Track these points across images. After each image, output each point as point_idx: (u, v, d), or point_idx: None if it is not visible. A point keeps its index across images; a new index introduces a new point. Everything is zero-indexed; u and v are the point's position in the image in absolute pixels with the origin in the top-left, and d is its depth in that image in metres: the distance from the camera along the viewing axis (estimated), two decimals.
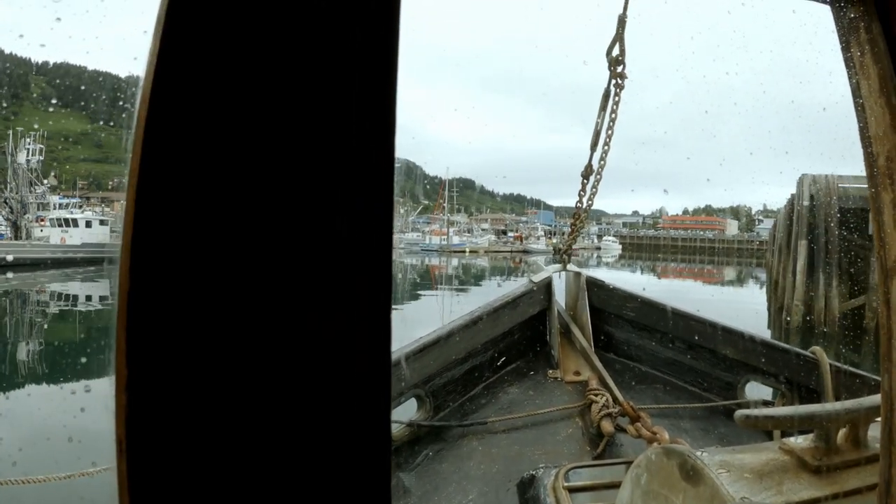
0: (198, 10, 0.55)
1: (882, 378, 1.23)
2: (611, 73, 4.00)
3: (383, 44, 0.59)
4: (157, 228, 0.55)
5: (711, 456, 1.70)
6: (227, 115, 0.55)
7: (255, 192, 0.56)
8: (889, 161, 1.17)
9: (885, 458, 1.22)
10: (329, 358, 0.59)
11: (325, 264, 0.58)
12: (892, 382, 1.20)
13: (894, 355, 1.20)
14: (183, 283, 0.55)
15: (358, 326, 0.59)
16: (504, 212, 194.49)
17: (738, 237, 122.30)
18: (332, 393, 0.59)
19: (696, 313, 4.39)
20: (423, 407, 3.78)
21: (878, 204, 1.20)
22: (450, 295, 33.80)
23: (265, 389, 0.57)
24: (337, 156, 0.58)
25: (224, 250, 0.56)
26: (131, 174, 0.55)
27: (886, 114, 1.17)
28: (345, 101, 0.58)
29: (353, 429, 0.59)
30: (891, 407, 1.20)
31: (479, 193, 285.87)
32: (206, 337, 0.55)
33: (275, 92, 0.56)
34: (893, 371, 1.20)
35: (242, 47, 0.55)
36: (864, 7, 1.20)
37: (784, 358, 3.89)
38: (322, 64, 0.57)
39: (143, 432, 0.54)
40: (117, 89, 73.60)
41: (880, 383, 1.24)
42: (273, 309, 0.57)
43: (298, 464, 0.57)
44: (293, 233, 0.57)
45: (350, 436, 0.59)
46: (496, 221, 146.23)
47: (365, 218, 0.59)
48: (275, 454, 0.57)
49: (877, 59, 1.18)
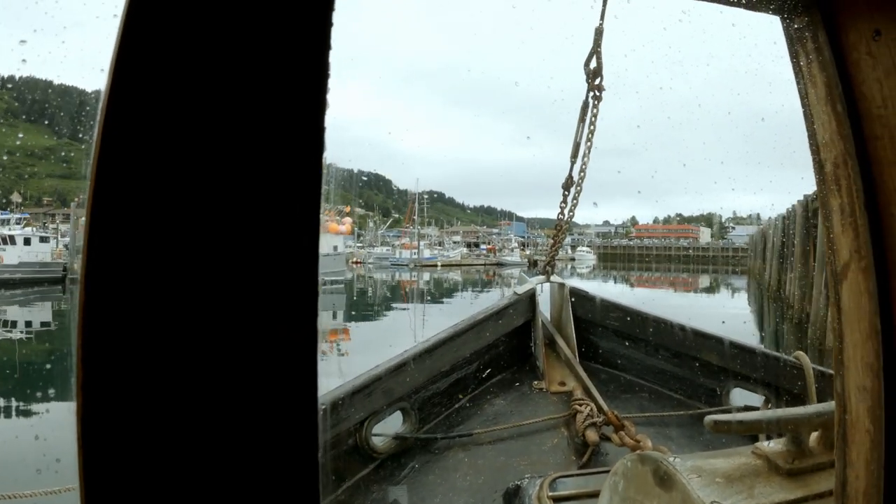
0: (148, 38, 0.59)
1: (835, 381, 1.28)
2: (589, 85, 4.09)
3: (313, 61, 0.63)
4: (110, 250, 0.58)
5: (684, 461, 1.74)
6: (174, 132, 0.59)
7: (202, 201, 0.60)
8: (836, 167, 1.23)
9: (840, 460, 1.27)
10: (271, 365, 0.63)
11: (254, 272, 0.62)
12: (844, 385, 1.25)
13: (846, 358, 1.25)
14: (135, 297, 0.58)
15: (286, 325, 0.63)
16: (475, 224, 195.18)
17: (712, 245, 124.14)
18: (272, 402, 0.63)
19: (679, 321, 4.47)
20: (409, 419, 3.81)
21: (826, 209, 1.26)
22: (422, 311, 33.68)
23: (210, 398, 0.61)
24: (267, 162, 0.62)
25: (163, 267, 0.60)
26: (90, 188, 0.59)
27: (832, 121, 1.22)
28: (275, 111, 0.62)
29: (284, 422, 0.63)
30: (844, 409, 1.25)
31: (450, 206, 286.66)
32: (154, 353, 0.59)
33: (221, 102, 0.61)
34: (846, 373, 1.25)
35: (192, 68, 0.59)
36: (810, 17, 1.26)
37: (768, 364, 3.97)
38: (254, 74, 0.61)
39: (98, 445, 0.57)
40: (83, 104, 72.87)
41: (833, 386, 1.29)
42: (213, 320, 0.61)
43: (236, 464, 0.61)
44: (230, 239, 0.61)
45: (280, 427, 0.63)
46: (468, 234, 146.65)
47: (292, 219, 0.63)
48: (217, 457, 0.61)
49: (822, 67, 1.24)
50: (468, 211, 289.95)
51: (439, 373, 4.00)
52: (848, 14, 1.20)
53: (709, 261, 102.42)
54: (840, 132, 1.21)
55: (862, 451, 1.23)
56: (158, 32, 0.59)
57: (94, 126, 0.61)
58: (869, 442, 1.21)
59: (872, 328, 1.20)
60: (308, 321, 0.63)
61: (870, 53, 1.17)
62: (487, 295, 45.27)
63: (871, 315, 1.20)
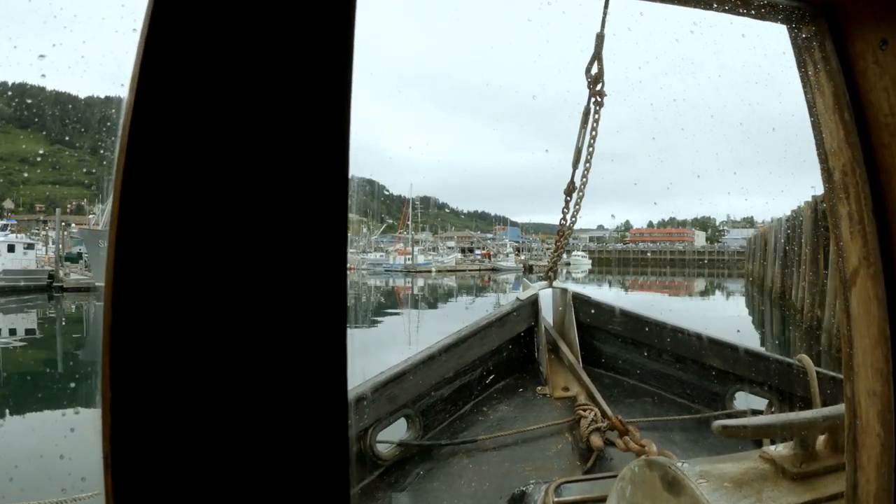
0: (174, 43, 0.61)
1: (844, 386, 1.30)
2: (590, 90, 4.12)
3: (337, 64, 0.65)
4: (137, 260, 0.60)
5: (692, 466, 1.76)
6: (198, 135, 0.61)
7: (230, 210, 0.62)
8: (844, 175, 1.25)
9: (851, 464, 1.29)
10: (300, 368, 0.64)
11: (284, 279, 0.63)
12: (854, 390, 1.27)
13: (855, 363, 1.27)
14: (161, 301, 0.60)
15: (317, 329, 0.64)
16: (469, 229, 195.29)
17: (707, 248, 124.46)
18: (306, 407, 0.64)
19: (681, 325, 4.51)
20: (413, 426, 3.83)
21: (835, 217, 1.28)
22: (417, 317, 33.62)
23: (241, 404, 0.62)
24: (294, 165, 0.64)
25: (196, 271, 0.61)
26: (115, 198, 0.61)
27: (840, 129, 1.25)
28: (300, 116, 0.64)
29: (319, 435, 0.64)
30: (854, 413, 1.27)
31: (444, 211, 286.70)
32: (179, 360, 0.60)
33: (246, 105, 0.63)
34: (855, 378, 1.27)
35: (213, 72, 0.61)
36: (817, 26, 1.28)
37: (771, 367, 3.99)
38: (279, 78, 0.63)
39: (126, 448, 0.58)
40: (76, 110, 72.85)
41: (843, 390, 1.31)
42: (243, 329, 0.62)
43: (270, 469, 0.62)
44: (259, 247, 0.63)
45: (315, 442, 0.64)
46: (462, 239, 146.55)
47: (323, 223, 0.64)
48: (249, 463, 0.62)
49: (830, 76, 1.26)
50: (462, 216, 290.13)
51: (443, 379, 4.03)
52: (855, 24, 1.22)
53: (704, 264, 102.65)
54: (848, 140, 1.24)
55: (872, 454, 1.25)
56: (180, 47, 0.60)
57: (117, 141, 0.62)
58: (879, 446, 1.24)
59: (882, 334, 1.22)
60: (337, 319, 0.65)
61: (877, 62, 1.19)
62: (483, 300, 45.20)
63: (880, 321, 1.22)
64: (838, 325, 11.89)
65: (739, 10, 1.28)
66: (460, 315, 32.03)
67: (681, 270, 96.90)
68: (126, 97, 0.62)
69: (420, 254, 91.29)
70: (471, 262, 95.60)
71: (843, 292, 1.28)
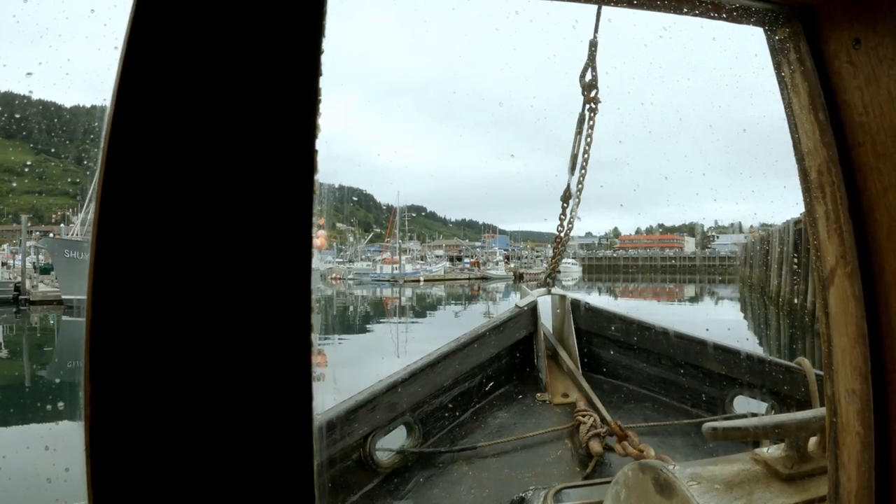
0: (153, 50, 0.64)
1: (825, 385, 1.32)
2: (584, 97, 4.18)
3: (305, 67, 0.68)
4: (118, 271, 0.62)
5: (683, 469, 1.78)
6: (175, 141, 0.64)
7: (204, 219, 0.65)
8: (820, 174, 1.28)
9: (832, 462, 1.31)
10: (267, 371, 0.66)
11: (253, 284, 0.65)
12: (834, 389, 1.29)
13: (835, 363, 1.29)
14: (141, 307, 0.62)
15: (283, 337, 0.66)
16: (458, 238, 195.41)
17: (699, 254, 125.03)
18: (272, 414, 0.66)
19: (680, 331, 4.55)
20: (413, 434, 3.86)
21: (812, 216, 1.31)
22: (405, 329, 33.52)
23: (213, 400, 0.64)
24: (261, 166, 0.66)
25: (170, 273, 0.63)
26: (97, 204, 0.64)
27: (816, 129, 1.27)
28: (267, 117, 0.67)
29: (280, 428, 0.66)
30: (834, 412, 1.30)
31: (432, 220, 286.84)
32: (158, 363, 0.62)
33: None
34: (835, 378, 1.29)
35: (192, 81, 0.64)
36: (792, 28, 1.31)
37: (770, 370, 4.04)
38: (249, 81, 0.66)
39: (105, 440, 0.61)
40: (61, 120, 72.65)
41: (823, 390, 1.33)
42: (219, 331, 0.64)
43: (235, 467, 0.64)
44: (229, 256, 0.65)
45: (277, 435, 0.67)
46: (451, 248, 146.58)
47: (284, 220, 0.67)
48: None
49: (805, 76, 1.29)
50: (450, 225, 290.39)
51: (442, 387, 4.06)
52: (828, 24, 1.25)
53: (695, 270, 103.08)
54: (823, 140, 1.26)
55: (853, 453, 1.27)
56: (157, 63, 0.63)
57: (99, 152, 0.65)
58: (859, 444, 1.26)
59: (860, 332, 1.24)
60: (301, 330, 0.67)
61: (850, 62, 1.22)
62: (474, 308, 45.15)
63: (858, 319, 1.24)
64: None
65: (712, 13, 1.31)
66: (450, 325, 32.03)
67: (671, 277, 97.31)
68: (107, 110, 0.65)
69: (408, 263, 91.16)
70: (460, 271, 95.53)
71: (822, 291, 1.31)
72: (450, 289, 71.79)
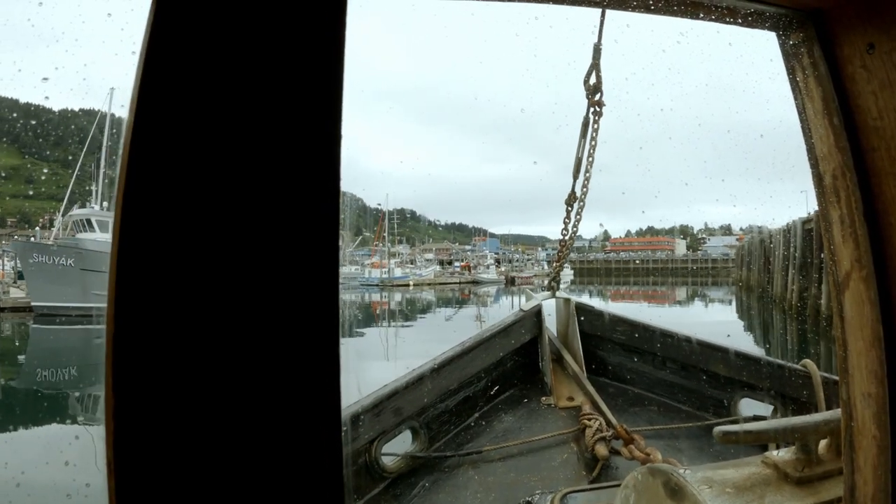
0: (174, 56, 0.64)
1: (840, 388, 1.34)
2: (589, 101, 4.21)
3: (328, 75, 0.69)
4: (140, 277, 0.63)
5: (694, 473, 1.79)
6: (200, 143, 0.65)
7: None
8: (835, 179, 1.30)
9: (848, 466, 1.32)
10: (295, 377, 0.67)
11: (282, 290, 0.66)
12: (850, 392, 1.31)
13: (850, 366, 1.31)
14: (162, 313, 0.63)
15: (310, 338, 0.67)
16: (448, 241, 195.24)
17: (691, 256, 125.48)
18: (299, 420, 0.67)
19: (685, 333, 4.58)
20: (418, 438, 3.88)
21: (827, 221, 1.33)
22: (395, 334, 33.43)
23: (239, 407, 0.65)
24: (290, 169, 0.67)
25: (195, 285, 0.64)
26: (117, 203, 0.64)
27: (830, 134, 1.29)
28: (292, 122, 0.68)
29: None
30: (850, 416, 1.31)
31: (421, 224, 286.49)
32: (180, 372, 0.63)
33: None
34: (850, 381, 1.31)
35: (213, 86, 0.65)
36: (805, 32, 1.33)
37: (775, 373, 4.07)
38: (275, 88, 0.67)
39: (129, 454, 0.61)
40: (49, 123, 72.09)
41: (839, 393, 1.35)
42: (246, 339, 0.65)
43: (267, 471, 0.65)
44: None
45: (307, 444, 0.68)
46: (441, 251, 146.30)
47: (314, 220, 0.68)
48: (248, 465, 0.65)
49: (819, 81, 1.31)
50: (440, 228, 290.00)
51: (447, 391, 4.09)
52: (842, 28, 1.27)
53: (688, 273, 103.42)
54: (838, 144, 1.28)
55: (869, 456, 1.29)
56: (175, 68, 0.64)
57: (118, 160, 0.66)
58: (875, 447, 1.27)
59: (875, 336, 1.26)
60: (330, 332, 0.68)
61: (864, 67, 1.24)
62: (466, 311, 45.14)
63: (873, 323, 1.26)
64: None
65: (727, 18, 1.32)
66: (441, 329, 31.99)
67: (664, 279, 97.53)
68: (126, 117, 0.65)
69: (397, 266, 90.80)
70: (450, 275, 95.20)
71: (837, 295, 1.32)
72: (440, 293, 71.58)
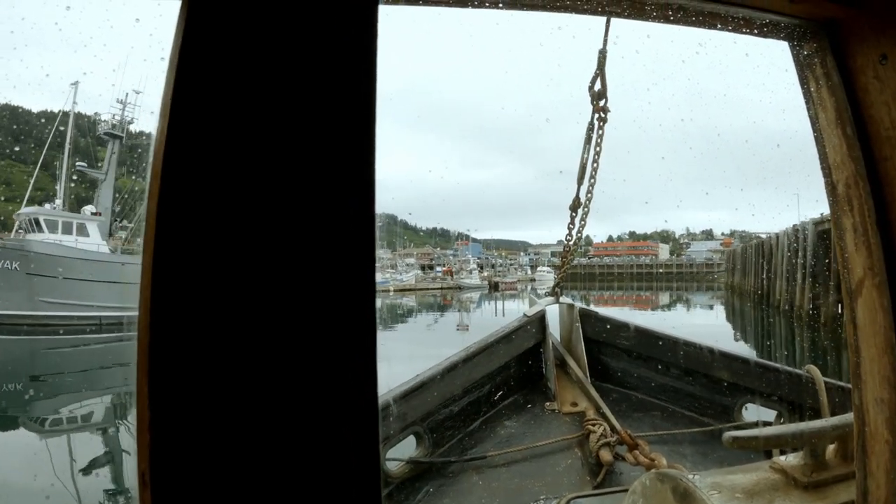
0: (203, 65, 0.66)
1: (853, 394, 1.37)
2: (593, 106, 4.26)
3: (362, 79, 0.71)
4: (173, 291, 0.64)
5: (703, 478, 1.82)
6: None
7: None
8: (848, 188, 1.34)
9: (860, 471, 1.36)
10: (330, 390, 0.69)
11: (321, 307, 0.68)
12: (862, 398, 1.35)
13: (863, 372, 1.35)
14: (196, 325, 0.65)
15: (347, 347, 0.70)
16: (429, 245, 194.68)
17: (675, 262, 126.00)
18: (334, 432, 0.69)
19: (689, 339, 4.64)
20: (422, 444, 3.90)
21: (839, 229, 1.36)
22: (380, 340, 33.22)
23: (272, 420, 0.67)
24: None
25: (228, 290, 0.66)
26: (148, 219, 0.65)
27: (843, 143, 1.33)
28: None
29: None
30: (863, 421, 1.35)
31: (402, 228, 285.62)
32: (212, 388, 0.65)
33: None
34: (863, 387, 1.35)
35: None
36: (818, 43, 1.37)
37: (779, 378, 4.12)
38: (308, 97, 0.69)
39: (164, 467, 0.62)
40: (28, 124, 70.74)
41: (851, 399, 1.39)
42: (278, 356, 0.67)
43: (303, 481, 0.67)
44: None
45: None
46: (422, 256, 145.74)
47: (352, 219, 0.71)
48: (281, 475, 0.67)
49: (832, 91, 1.35)
50: (421, 233, 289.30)
51: (451, 396, 4.11)
52: (855, 40, 1.31)
53: (672, 277, 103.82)
54: (850, 154, 1.32)
55: (882, 461, 1.32)
56: (204, 76, 0.65)
57: (148, 167, 0.67)
58: (888, 452, 1.31)
59: (888, 342, 1.30)
60: (367, 335, 0.70)
61: (877, 77, 1.28)
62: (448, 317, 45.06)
63: (886, 330, 1.30)
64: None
65: (743, 29, 1.36)
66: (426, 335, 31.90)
67: (649, 284, 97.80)
68: (157, 122, 0.66)
69: (377, 272, 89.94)
70: (432, 280, 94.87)
71: (850, 303, 1.36)
72: (421, 298, 71.29)
